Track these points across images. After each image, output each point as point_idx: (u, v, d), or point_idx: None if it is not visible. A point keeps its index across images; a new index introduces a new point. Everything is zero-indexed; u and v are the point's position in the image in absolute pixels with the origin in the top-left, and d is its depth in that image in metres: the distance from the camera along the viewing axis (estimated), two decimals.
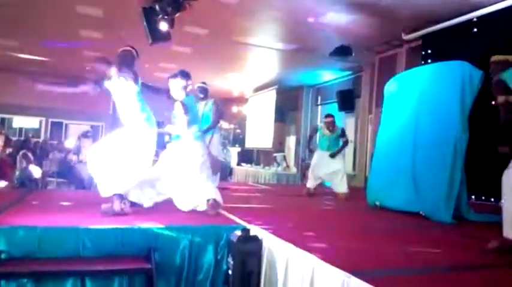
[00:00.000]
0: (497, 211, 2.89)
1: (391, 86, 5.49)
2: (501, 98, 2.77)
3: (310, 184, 6.30)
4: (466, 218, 4.35)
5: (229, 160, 12.71)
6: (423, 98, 4.76)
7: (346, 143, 6.24)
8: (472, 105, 4.35)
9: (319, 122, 6.80)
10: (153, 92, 4.02)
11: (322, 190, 6.70)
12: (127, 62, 3.75)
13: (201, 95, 5.97)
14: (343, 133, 6.22)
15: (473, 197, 5.76)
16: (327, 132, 6.18)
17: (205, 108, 5.88)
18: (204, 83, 6.08)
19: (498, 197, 5.29)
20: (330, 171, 6.13)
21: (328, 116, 6.32)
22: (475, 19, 6.01)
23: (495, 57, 3.12)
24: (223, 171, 11.07)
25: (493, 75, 3.02)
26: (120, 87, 3.71)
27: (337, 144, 6.20)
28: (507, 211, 2.67)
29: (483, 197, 5.89)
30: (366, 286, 1.95)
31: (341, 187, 6.11)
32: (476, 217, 4.39)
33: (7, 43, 9.83)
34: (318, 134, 6.36)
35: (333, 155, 6.05)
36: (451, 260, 2.71)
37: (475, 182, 5.88)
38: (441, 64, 5.07)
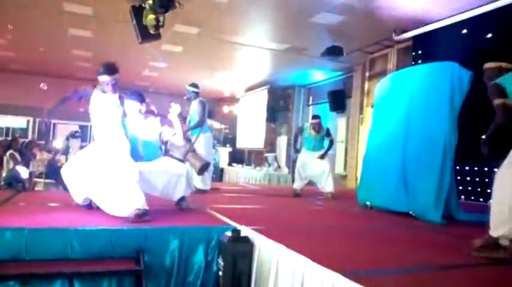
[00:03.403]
0: (487, 210, 2.92)
1: (381, 87, 5.52)
2: (498, 101, 2.78)
3: (297, 184, 6.31)
4: (456, 218, 4.38)
5: (218, 160, 12.66)
6: (413, 98, 4.79)
7: (331, 142, 6.30)
8: (461, 106, 4.38)
9: (306, 123, 6.82)
10: None
11: (314, 189, 6.71)
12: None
13: (186, 96, 5.95)
14: (328, 133, 6.27)
15: (462, 197, 5.82)
16: (312, 132, 6.23)
17: (192, 108, 5.87)
18: (191, 84, 6.02)
19: (487, 197, 5.36)
20: (316, 170, 6.16)
21: (314, 117, 6.39)
22: (464, 20, 6.07)
23: (488, 64, 3.10)
24: (215, 172, 11.07)
25: (488, 82, 3.02)
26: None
27: (321, 144, 6.25)
28: (494, 208, 2.70)
29: (472, 197, 5.96)
30: (356, 286, 1.95)
31: (327, 186, 6.14)
32: (466, 216, 4.43)
33: None
34: (303, 134, 6.38)
35: (322, 157, 6.08)
36: (440, 260, 2.72)
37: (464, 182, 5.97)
38: (431, 65, 5.11)
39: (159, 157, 4.13)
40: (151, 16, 5.43)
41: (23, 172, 6.15)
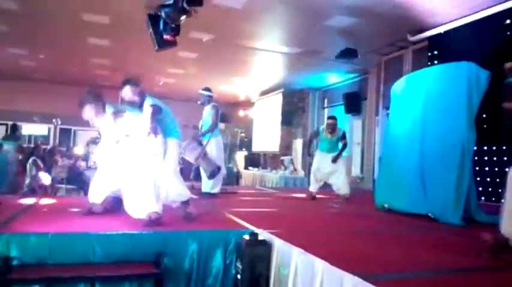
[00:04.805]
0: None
1: (397, 88, 5.48)
2: (506, 105, 2.79)
3: (313, 187, 6.28)
4: (476, 219, 4.30)
5: (233, 164, 12.72)
6: (430, 99, 4.74)
7: (345, 145, 6.22)
8: (479, 106, 4.32)
9: (322, 125, 6.76)
10: None
11: (330, 192, 6.68)
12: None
13: (201, 101, 6.00)
14: (343, 136, 6.19)
15: (483, 198, 5.71)
16: (328, 134, 6.17)
17: (205, 112, 5.93)
18: (205, 88, 6.06)
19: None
20: (331, 173, 6.12)
21: (330, 118, 6.33)
22: (481, 19, 5.97)
23: (507, 64, 3.08)
24: (230, 176, 11.11)
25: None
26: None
27: (337, 146, 6.18)
28: (505, 208, 2.68)
29: (493, 199, 5.84)
30: None
31: (343, 188, 6.11)
32: (487, 218, 4.34)
33: (17, 51, 9.98)
34: (319, 137, 6.34)
35: (334, 160, 6.04)
36: (460, 262, 2.69)
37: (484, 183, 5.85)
38: (448, 65, 5.05)
39: None
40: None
41: (45, 178, 6.33)
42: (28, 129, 14.32)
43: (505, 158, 5.77)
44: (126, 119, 3.75)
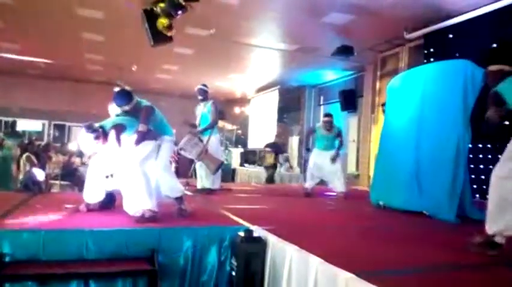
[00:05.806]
0: None
1: (393, 85, 5.49)
2: (489, 113, 2.75)
3: (308, 184, 6.29)
4: (471, 217, 4.32)
5: (230, 161, 12.71)
6: (426, 96, 4.75)
7: (341, 143, 6.23)
8: (474, 104, 4.32)
9: (318, 123, 6.78)
10: None
11: (325, 189, 6.69)
12: None
13: (200, 97, 5.98)
14: (339, 134, 6.21)
15: (477, 196, 5.73)
16: (324, 131, 6.18)
17: (204, 109, 5.92)
18: (204, 85, 6.06)
19: None
20: (328, 170, 6.13)
21: (326, 115, 6.35)
22: (478, 17, 5.98)
23: (491, 68, 2.99)
24: (226, 172, 11.12)
25: (491, 86, 2.93)
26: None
27: (334, 143, 6.20)
28: (489, 205, 2.71)
29: (487, 196, 5.87)
30: (370, 286, 1.94)
31: (339, 186, 6.13)
32: (481, 215, 4.34)
33: (9, 46, 9.88)
34: (315, 134, 6.35)
35: (333, 160, 6.04)
36: (454, 259, 2.70)
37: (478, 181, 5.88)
38: (444, 63, 5.05)
39: None
40: (163, 21, 5.48)
41: (39, 174, 6.29)
42: (22, 125, 14.23)
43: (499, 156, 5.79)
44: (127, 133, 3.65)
